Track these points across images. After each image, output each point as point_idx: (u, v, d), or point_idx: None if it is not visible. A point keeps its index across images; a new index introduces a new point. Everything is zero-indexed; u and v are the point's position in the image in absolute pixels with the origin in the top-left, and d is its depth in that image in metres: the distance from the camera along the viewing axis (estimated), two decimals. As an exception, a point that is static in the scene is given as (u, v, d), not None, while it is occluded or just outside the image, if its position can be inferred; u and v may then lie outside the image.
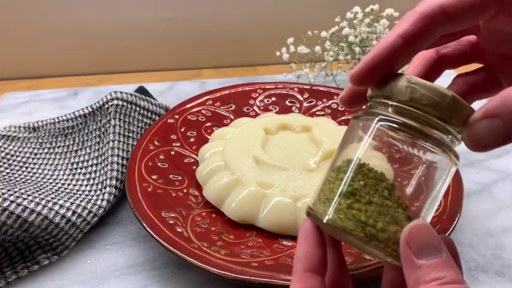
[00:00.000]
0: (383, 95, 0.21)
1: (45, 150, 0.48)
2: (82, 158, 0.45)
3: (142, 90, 0.56)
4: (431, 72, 0.26)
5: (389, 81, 0.21)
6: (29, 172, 0.45)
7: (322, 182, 0.23)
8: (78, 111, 0.48)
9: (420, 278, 0.17)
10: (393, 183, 0.21)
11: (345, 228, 0.20)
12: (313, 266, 0.21)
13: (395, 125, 0.20)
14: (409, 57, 0.21)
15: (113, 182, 0.40)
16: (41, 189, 0.40)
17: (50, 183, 0.43)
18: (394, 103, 0.21)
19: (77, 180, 0.43)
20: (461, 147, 0.21)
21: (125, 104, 0.45)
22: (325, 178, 0.23)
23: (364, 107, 0.24)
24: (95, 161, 0.44)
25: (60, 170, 0.45)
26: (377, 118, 0.21)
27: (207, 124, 0.49)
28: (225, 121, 0.50)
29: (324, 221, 0.21)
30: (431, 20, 0.20)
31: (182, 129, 0.47)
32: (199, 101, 0.51)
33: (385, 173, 0.21)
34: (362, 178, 0.21)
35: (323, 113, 0.51)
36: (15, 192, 0.35)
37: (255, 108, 0.52)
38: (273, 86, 0.54)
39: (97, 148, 0.45)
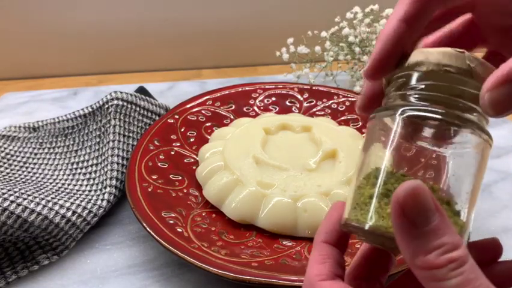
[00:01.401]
0: (400, 78, 0.20)
1: (46, 150, 0.48)
2: (82, 158, 0.45)
3: (142, 90, 0.56)
4: None
5: (403, 61, 0.20)
6: (29, 172, 0.45)
7: (353, 191, 0.21)
8: (78, 111, 0.48)
9: (419, 248, 0.16)
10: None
11: (389, 231, 0.18)
12: (333, 240, 0.21)
13: (421, 113, 0.19)
14: (413, 37, 0.21)
15: (113, 182, 0.40)
16: (41, 189, 0.40)
17: (50, 183, 0.43)
18: (416, 84, 0.19)
19: (77, 180, 0.43)
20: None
21: (125, 104, 0.45)
22: (355, 185, 0.21)
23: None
24: (95, 161, 0.44)
25: (60, 170, 0.45)
26: (400, 111, 0.19)
27: (207, 124, 0.49)
28: (225, 121, 0.50)
29: (366, 228, 0.19)
30: None
31: (182, 129, 0.47)
32: (199, 101, 0.51)
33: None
34: (395, 181, 0.19)
35: (323, 113, 0.51)
36: (15, 192, 0.35)
37: (255, 108, 0.52)
38: (273, 86, 0.54)
39: (97, 148, 0.45)
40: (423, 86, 0.20)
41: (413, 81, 0.20)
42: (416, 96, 0.20)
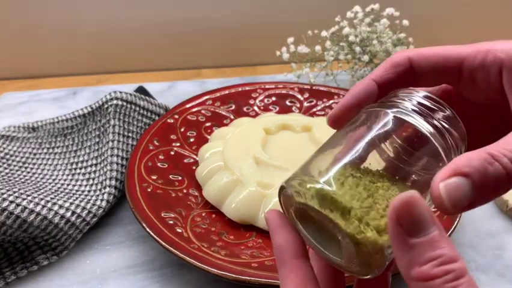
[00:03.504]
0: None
1: (45, 150, 0.47)
2: (81, 158, 0.45)
3: (141, 90, 0.56)
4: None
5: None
6: (28, 172, 0.45)
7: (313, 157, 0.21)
8: (77, 111, 0.48)
9: (415, 258, 0.16)
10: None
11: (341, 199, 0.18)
12: (301, 251, 0.20)
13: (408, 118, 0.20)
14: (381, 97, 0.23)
15: (113, 182, 0.40)
16: (40, 189, 0.39)
17: (50, 183, 0.43)
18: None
19: (77, 180, 0.43)
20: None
21: (124, 103, 0.45)
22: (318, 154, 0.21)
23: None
24: (94, 161, 0.44)
25: (59, 170, 0.45)
26: (392, 109, 0.20)
27: (207, 124, 0.49)
28: (224, 121, 0.50)
29: (316, 186, 0.19)
30: (398, 68, 0.22)
31: (182, 129, 0.47)
32: (199, 100, 0.51)
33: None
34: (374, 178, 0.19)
35: (323, 113, 0.51)
36: (14, 192, 0.35)
37: (255, 108, 0.52)
38: (273, 86, 0.54)
39: (96, 148, 0.45)
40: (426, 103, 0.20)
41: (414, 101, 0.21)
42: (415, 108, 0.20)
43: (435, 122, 0.20)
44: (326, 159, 0.20)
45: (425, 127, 0.19)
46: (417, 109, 0.20)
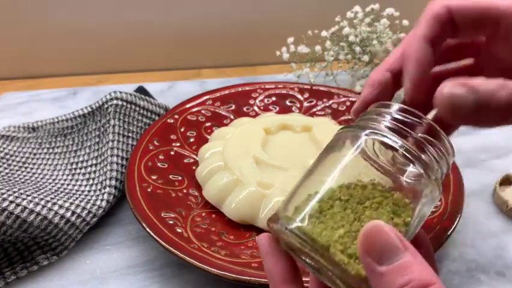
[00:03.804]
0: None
1: (45, 150, 0.47)
2: (81, 158, 0.45)
3: (141, 90, 0.56)
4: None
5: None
6: (28, 172, 0.45)
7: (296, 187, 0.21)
8: (77, 111, 0.48)
9: (387, 286, 0.16)
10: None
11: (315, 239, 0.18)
12: (289, 276, 0.20)
13: (381, 138, 0.20)
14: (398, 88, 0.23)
15: (113, 182, 0.40)
16: (40, 189, 0.39)
17: (50, 183, 0.43)
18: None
19: (77, 180, 0.43)
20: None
21: (124, 103, 0.45)
22: (300, 183, 0.21)
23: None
24: (94, 161, 0.44)
25: (59, 170, 0.45)
26: (365, 132, 0.20)
27: (207, 124, 0.49)
28: (224, 121, 0.50)
29: (291, 227, 0.19)
30: (441, 22, 0.21)
31: (182, 129, 0.47)
32: (199, 101, 0.51)
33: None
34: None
35: (323, 113, 0.51)
36: (14, 192, 0.35)
37: (255, 108, 0.52)
38: (273, 86, 0.54)
39: (96, 148, 0.45)
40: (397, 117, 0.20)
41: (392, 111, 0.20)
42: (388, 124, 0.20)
43: (411, 137, 0.19)
44: (303, 192, 0.20)
45: (398, 144, 0.19)
46: (391, 126, 0.20)
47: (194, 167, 0.43)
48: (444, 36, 0.22)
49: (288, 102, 0.53)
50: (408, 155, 0.19)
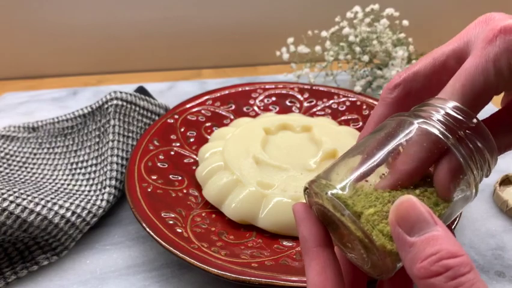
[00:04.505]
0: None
1: (45, 150, 0.47)
2: (81, 158, 0.45)
3: (141, 90, 0.56)
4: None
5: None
6: (28, 172, 0.45)
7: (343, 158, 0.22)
8: (77, 111, 0.48)
9: (416, 256, 0.16)
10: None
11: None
12: (322, 240, 0.21)
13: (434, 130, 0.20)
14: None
15: (113, 182, 0.40)
16: (40, 189, 0.39)
17: (50, 183, 0.43)
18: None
19: (77, 180, 0.43)
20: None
21: (124, 103, 0.45)
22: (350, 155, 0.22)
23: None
24: (94, 161, 0.44)
25: (59, 170, 0.45)
26: (418, 120, 0.20)
27: (207, 124, 0.49)
28: (224, 121, 0.50)
29: (330, 192, 0.20)
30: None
31: (182, 129, 0.47)
32: (199, 101, 0.51)
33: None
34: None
35: (323, 113, 0.51)
36: (14, 192, 0.35)
37: (255, 108, 0.52)
38: (273, 86, 0.54)
39: (96, 148, 0.45)
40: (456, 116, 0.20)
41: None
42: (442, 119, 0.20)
43: (460, 133, 0.20)
44: (347, 165, 0.21)
45: (447, 138, 0.20)
46: (443, 120, 0.20)
47: (194, 167, 0.43)
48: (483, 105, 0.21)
49: (288, 102, 0.53)
50: (454, 150, 0.19)
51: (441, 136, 0.19)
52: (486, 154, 0.20)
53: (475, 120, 0.20)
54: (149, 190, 0.38)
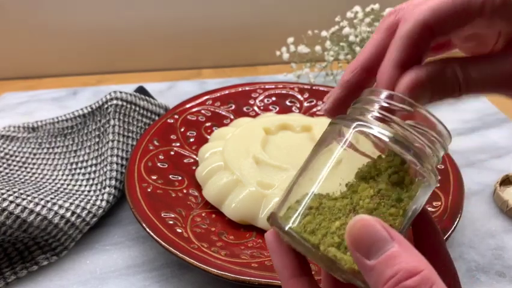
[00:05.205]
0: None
1: (45, 151, 0.47)
2: (81, 158, 0.45)
3: (141, 90, 0.56)
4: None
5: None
6: (28, 172, 0.45)
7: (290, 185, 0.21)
8: (77, 111, 0.48)
9: (378, 279, 0.15)
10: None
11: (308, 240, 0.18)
12: (296, 270, 0.20)
13: (370, 131, 0.19)
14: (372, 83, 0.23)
15: (113, 182, 0.40)
16: (40, 189, 0.39)
17: (50, 183, 0.43)
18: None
19: (77, 180, 0.43)
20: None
21: (124, 103, 0.45)
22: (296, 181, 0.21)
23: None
24: (94, 161, 0.44)
25: (59, 170, 0.45)
26: (355, 124, 0.20)
27: (207, 124, 0.49)
28: (224, 121, 0.50)
29: (284, 227, 0.19)
30: (421, 46, 0.20)
31: (182, 129, 0.47)
32: (199, 101, 0.51)
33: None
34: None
35: (323, 113, 0.51)
36: (14, 192, 0.35)
37: (255, 108, 0.52)
38: (273, 86, 0.54)
39: (96, 148, 0.45)
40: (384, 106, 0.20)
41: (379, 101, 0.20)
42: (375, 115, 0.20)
43: (398, 126, 0.19)
44: (297, 192, 0.20)
45: (386, 135, 0.19)
46: (379, 115, 0.19)
47: (194, 167, 0.43)
48: (422, 53, 0.20)
49: (288, 102, 0.53)
50: (397, 147, 0.19)
51: (380, 136, 0.19)
52: (434, 136, 0.19)
53: (413, 106, 0.19)
54: (149, 190, 0.38)
